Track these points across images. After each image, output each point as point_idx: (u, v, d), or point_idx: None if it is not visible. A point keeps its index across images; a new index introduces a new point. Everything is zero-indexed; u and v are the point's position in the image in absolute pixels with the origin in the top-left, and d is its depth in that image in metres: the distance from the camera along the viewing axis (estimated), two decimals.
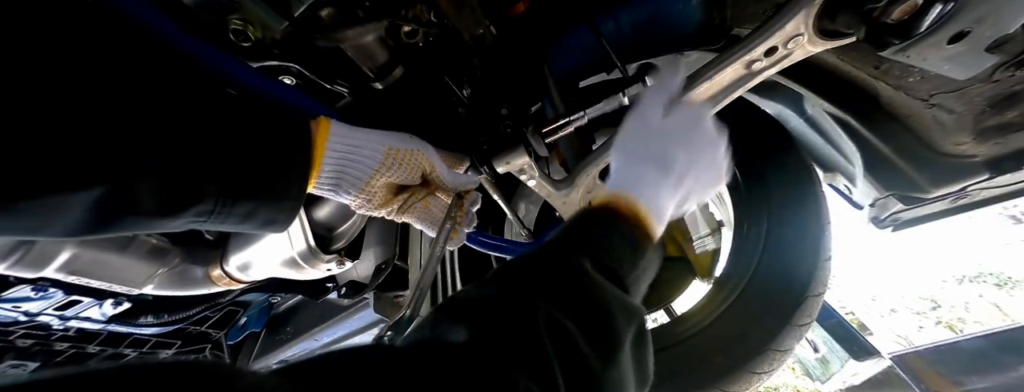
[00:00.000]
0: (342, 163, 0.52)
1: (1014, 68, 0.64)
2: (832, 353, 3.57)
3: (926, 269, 5.53)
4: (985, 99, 0.73)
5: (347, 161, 0.52)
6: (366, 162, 0.53)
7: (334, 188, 0.53)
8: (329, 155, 0.51)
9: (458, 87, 0.80)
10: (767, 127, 0.93)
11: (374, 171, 0.53)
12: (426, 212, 0.62)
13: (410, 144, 0.56)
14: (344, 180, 0.53)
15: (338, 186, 0.53)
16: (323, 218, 1.07)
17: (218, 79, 0.57)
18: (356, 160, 0.52)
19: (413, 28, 0.70)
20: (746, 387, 0.74)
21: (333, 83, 0.70)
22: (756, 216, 0.86)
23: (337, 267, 1.07)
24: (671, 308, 1.00)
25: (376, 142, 0.53)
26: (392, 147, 0.54)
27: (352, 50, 0.66)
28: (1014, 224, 5.51)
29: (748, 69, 0.60)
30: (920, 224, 1.10)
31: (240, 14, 0.56)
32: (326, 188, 0.53)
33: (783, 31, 0.54)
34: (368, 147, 0.53)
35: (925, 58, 0.52)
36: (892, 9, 0.48)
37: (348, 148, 0.52)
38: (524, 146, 0.66)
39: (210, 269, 1.08)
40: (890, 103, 0.81)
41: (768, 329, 0.75)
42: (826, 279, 0.78)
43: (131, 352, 1.44)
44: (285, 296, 1.55)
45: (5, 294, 1.01)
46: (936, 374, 3.25)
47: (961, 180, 0.85)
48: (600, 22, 0.80)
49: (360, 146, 0.52)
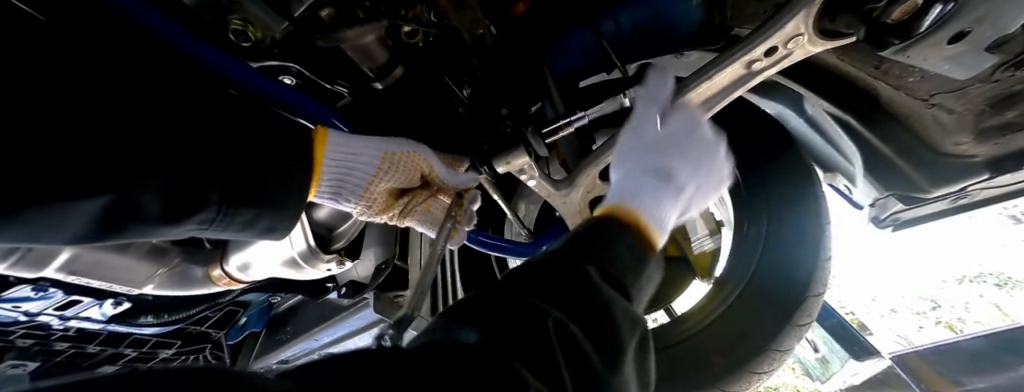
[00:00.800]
0: (341, 171, 0.52)
1: (1014, 68, 0.64)
2: (832, 353, 3.57)
3: (926, 269, 5.53)
4: (985, 99, 0.73)
5: (346, 168, 0.52)
6: (364, 168, 0.53)
7: (334, 196, 0.54)
8: (328, 163, 0.51)
9: (458, 87, 0.80)
10: (767, 127, 0.94)
11: (372, 176, 0.53)
12: (427, 215, 0.62)
13: (406, 147, 0.56)
14: (344, 187, 0.53)
15: (338, 194, 0.54)
16: (323, 218, 1.07)
17: (219, 79, 0.57)
18: (354, 167, 0.53)
19: (413, 28, 0.70)
20: (746, 387, 0.74)
21: (333, 83, 0.70)
22: (756, 216, 0.86)
23: (337, 267, 1.07)
24: (671, 308, 1.00)
25: (372, 148, 0.54)
26: (388, 151, 0.54)
27: (352, 50, 0.66)
28: (1014, 224, 5.51)
29: (748, 69, 0.60)
30: (920, 224, 1.10)
31: (240, 14, 0.56)
32: (327, 196, 0.54)
33: (783, 31, 0.54)
34: (365, 153, 0.53)
35: (925, 58, 0.52)
36: (892, 9, 0.48)
37: (345, 155, 0.52)
38: (524, 146, 0.66)
39: (210, 269, 1.08)
40: (890, 103, 0.81)
41: (768, 329, 0.75)
42: (826, 279, 0.78)
43: (131, 352, 1.44)
44: (285, 296, 1.54)
45: (5, 294, 1.01)
46: (936, 374, 3.25)
47: (961, 180, 0.85)
48: (600, 22, 0.80)
49: (357, 153, 0.53)
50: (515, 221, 0.97)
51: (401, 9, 0.67)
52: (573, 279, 0.41)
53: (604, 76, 0.95)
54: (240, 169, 0.45)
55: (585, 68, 0.88)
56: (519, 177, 0.72)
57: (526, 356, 0.30)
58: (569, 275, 0.41)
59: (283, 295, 1.54)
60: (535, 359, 0.30)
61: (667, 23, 0.79)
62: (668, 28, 0.80)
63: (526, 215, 1.24)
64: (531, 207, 1.25)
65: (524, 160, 0.66)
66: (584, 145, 0.83)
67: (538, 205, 1.25)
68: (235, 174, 0.44)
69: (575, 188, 0.75)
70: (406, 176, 0.56)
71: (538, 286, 0.40)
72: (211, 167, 0.43)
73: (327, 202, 0.55)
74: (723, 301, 0.81)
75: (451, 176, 0.61)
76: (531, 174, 0.71)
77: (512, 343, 0.31)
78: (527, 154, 0.66)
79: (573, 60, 0.86)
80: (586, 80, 0.95)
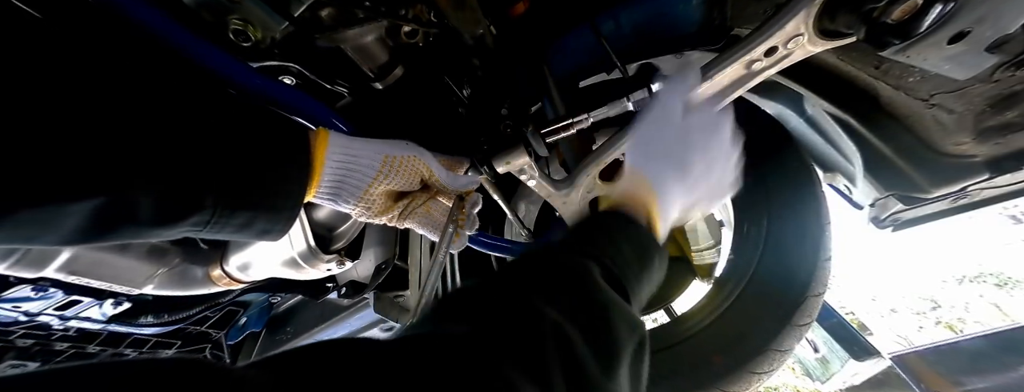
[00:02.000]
0: (341, 173, 0.52)
1: (1014, 68, 0.64)
2: (832, 353, 3.57)
3: (926, 269, 5.53)
4: (985, 99, 0.73)
5: (346, 171, 0.52)
6: (364, 171, 0.53)
7: (334, 197, 0.54)
8: (328, 166, 0.51)
9: (458, 87, 0.80)
10: (767, 127, 0.94)
11: (372, 180, 0.54)
12: (427, 217, 0.62)
13: (406, 151, 0.56)
14: (343, 190, 0.53)
15: (338, 195, 0.54)
16: (323, 218, 1.07)
17: (218, 79, 0.57)
18: (355, 169, 0.53)
19: (413, 28, 0.70)
20: (746, 387, 0.74)
21: (333, 83, 0.70)
22: (756, 216, 0.86)
23: (337, 267, 1.07)
24: (671, 308, 1.00)
25: (373, 151, 0.54)
26: (388, 155, 0.54)
27: (352, 50, 0.66)
28: (1014, 224, 5.51)
29: (748, 69, 0.60)
30: (920, 224, 1.10)
31: (240, 14, 0.56)
32: (326, 198, 0.54)
33: (783, 31, 0.54)
34: (366, 156, 0.53)
35: (925, 58, 0.52)
36: (892, 9, 0.48)
37: (346, 158, 0.52)
38: (524, 146, 0.66)
39: (210, 269, 1.08)
40: (890, 103, 0.81)
41: (768, 329, 0.75)
42: (826, 279, 0.78)
43: (131, 352, 1.44)
44: (285, 296, 1.54)
45: (5, 294, 1.01)
46: (936, 374, 3.25)
47: (961, 180, 0.85)
48: (600, 22, 0.80)
49: (358, 156, 0.53)
50: (515, 221, 0.97)
51: (401, 9, 0.67)
52: (574, 277, 0.39)
53: (604, 76, 0.95)
54: (235, 171, 0.44)
55: (585, 68, 0.88)
56: (519, 177, 0.72)
57: (516, 353, 0.29)
58: (570, 272, 0.40)
59: (283, 295, 1.54)
60: (526, 357, 0.29)
61: (667, 23, 0.79)
62: (668, 28, 0.80)
63: (526, 215, 1.24)
64: (531, 207, 1.25)
65: (524, 160, 0.66)
66: (584, 145, 0.83)
67: (538, 205, 1.25)
68: (230, 176, 0.44)
69: (575, 188, 0.75)
70: (406, 179, 0.56)
71: (536, 282, 0.38)
72: (205, 169, 0.42)
73: (325, 203, 0.55)
74: (723, 301, 0.81)
75: (451, 179, 0.61)
76: (531, 174, 0.71)
77: (503, 341, 0.29)
78: (527, 154, 0.66)
79: (573, 60, 0.86)
80: (586, 80, 0.95)
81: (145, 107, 0.41)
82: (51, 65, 0.38)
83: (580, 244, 0.45)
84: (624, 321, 0.38)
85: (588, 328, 0.34)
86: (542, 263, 0.42)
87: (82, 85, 0.38)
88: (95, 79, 0.40)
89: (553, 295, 0.36)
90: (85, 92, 0.38)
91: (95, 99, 0.38)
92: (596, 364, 0.32)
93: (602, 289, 0.39)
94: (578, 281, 0.39)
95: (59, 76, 0.38)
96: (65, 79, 0.38)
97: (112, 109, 0.39)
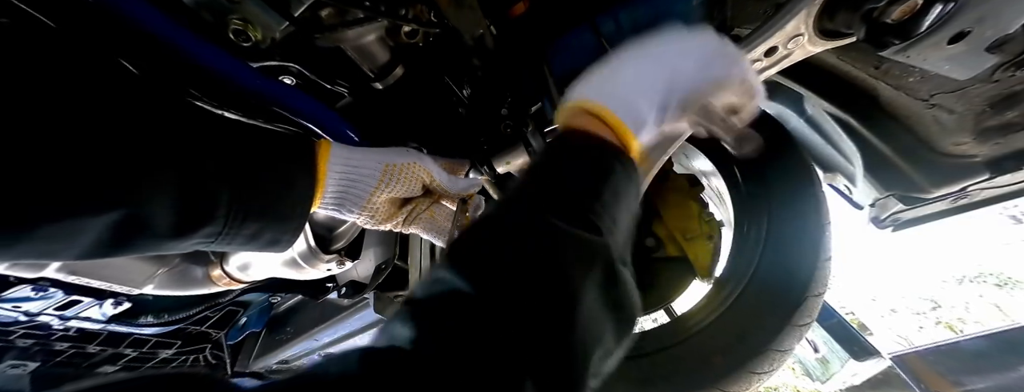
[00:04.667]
0: (344, 184, 0.53)
1: (1014, 68, 0.64)
2: (832, 353, 3.57)
3: (926, 269, 5.53)
4: (985, 99, 0.73)
5: (349, 182, 0.53)
6: (366, 181, 0.54)
7: (338, 207, 0.55)
8: (330, 176, 0.52)
9: (458, 87, 0.80)
10: (767, 127, 0.93)
11: (374, 188, 0.54)
12: (431, 222, 0.62)
13: (407, 158, 0.57)
14: (347, 199, 0.54)
15: (341, 205, 0.54)
16: (323, 218, 1.07)
17: (219, 79, 0.57)
18: (356, 179, 0.53)
19: (413, 28, 0.70)
20: (746, 387, 0.74)
21: (333, 83, 0.70)
22: (756, 216, 0.86)
23: (337, 267, 1.07)
24: (671, 308, 1.00)
25: (374, 160, 0.54)
26: (389, 163, 0.55)
27: (352, 50, 0.66)
28: (1014, 224, 5.51)
29: None
30: (920, 224, 1.10)
31: (240, 14, 0.56)
32: (330, 207, 0.55)
33: (783, 31, 0.54)
34: (366, 166, 0.54)
35: (925, 58, 0.52)
36: (892, 9, 0.48)
37: (347, 168, 0.53)
38: (524, 146, 0.66)
39: (210, 269, 1.08)
40: (890, 103, 0.81)
41: (768, 329, 0.74)
42: (826, 279, 0.78)
43: (131, 352, 1.44)
44: (285, 296, 1.54)
45: (5, 294, 1.01)
46: (936, 374, 3.25)
47: (961, 180, 0.85)
48: (600, 22, 0.79)
49: (359, 166, 0.53)
50: None
51: (401, 9, 0.67)
52: (529, 238, 0.35)
53: None
54: (245, 183, 0.45)
55: (585, 68, 0.88)
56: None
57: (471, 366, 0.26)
58: (513, 236, 0.35)
59: (283, 295, 1.54)
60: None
61: (667, 23, 0.79)
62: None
63: None
64: None
65: (524, 160, 0.66)
66: None
67: None
68: (240, 188, 0.45)
69: None
70: (407, 186, 0.57)
71: (479, 258, 0.34)
72: (217, 182, 0.43)
73: (330, 212, 0.56)
74: (723, 301, 0.81)
75: (452, 183, 0.61)
76: None
77: (454, 355, 0.27)
78: (527, 154, 0.66)
79: (573, 60, 0.86)
80: None
81: (159, 122, 0.42)
82: (69, 83, 0.39)
83: (530, 195, 0.41)
84: (574, 260, 0.34)
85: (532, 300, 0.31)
86: (497, 233, 0.37)
87: (98, 102, 0.39)
88: (111, 96, 0.41)
89: (512, 282, 0.32)
90: (101, 109, 0.39)
91: (111, 116, 0.39)
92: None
93: (551, 240, 0.35)
94: (534, 246, 0.34)
95: (76, 93, 0.39)
96: (82, 96, 0.39)
97: (128, 125, 0.40)
